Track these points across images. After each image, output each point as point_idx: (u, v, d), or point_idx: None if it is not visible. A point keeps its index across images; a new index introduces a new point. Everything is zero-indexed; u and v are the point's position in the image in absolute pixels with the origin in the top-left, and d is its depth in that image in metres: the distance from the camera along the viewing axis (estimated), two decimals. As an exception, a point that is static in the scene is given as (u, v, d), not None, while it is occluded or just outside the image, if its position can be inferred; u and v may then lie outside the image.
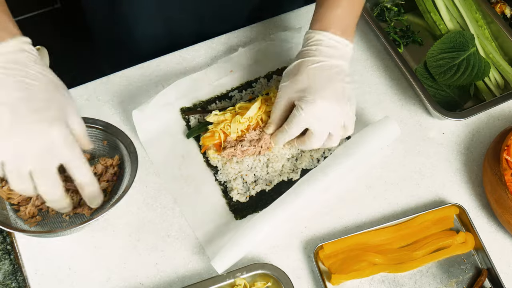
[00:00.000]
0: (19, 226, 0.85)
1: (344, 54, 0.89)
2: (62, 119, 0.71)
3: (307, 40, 0.90)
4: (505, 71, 1.08)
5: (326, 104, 0.85)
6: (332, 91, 0.86)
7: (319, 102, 0.84)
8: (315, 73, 0.86)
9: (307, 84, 0.86)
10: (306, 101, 0.85)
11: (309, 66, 0.87)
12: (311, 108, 0.85)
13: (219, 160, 0.95)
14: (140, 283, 0.87)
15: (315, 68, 0.87)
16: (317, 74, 0.86)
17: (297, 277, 0.88)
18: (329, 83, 0.86)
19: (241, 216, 0.92)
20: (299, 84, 0.87)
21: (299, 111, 0.85)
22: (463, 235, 0.91)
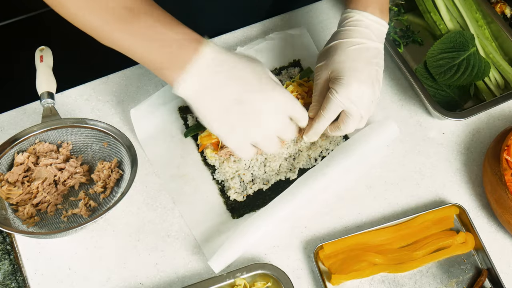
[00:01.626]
0: (17, 226, 0.85)
1: (381, 35, 0.88)
2: (273, 83, 0.79)
3: (345, 20, 0.88)
4: (505, 71, 1.08)
5: (361, 88, 0.83)
6: (367, 74, 0.84)
7: (354, 85, 0.83)
8: (353, 54, 0.85)
9: (344, 66, 0.84)
10: (341, 84, 0.83)
11: (348, 48, 0.85)
12: (346, 91, 0.83)
13: (216, 159, 0.95)
14: (140, 283, 0.87)
15: (354, 50, 0.85)
16: (355, 56, 0.85)
17: (297, 277, 0.88)
18: (366, 66, 0.85)
19: (238, 215, 0.92)
20: (336, 65, 0.85)
21: (334, 94, 0.84)
22: (463, 235, 0.91)
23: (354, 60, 0.85)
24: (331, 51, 0.87)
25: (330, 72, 0.86)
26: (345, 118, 0.87)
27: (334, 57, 0.86)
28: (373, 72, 0.86)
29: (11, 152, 0.90)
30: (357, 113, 0.86)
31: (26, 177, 0.90)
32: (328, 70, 0.86)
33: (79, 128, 0.92)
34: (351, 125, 0.87)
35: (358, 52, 0.85)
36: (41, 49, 0.98)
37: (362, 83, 0.84)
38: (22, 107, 1.00)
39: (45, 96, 0.93)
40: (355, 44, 0.86)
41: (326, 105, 0.85)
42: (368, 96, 0.85)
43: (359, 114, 0.86)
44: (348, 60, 0.85)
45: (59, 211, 0.89)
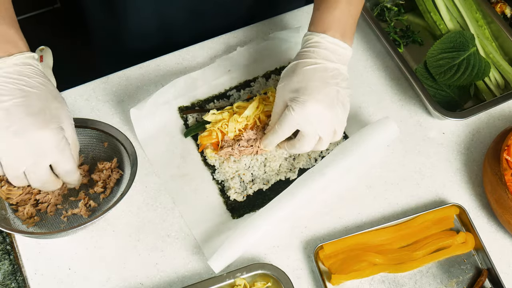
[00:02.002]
0: (17, 226, 0.85)
1: (343, 57, 0.88)
2: (55, 124, 0.75)
3: (305, 42, 0.89)
4: (505, 71, 1.08)
5: (318, 107, 0.84)
6: (325, 94, 0.84)
7: (310, 104, 0.83)
8: (309, 74, 0.85)
9: (301, 85, 0.85)
10: (297, 102, 0.84)
11: (304, 68, 0.86)
12: (302, 110, 0.83)
13: (216, 159, 0.95)
14: (140, 283, 0.87)
15: (310, 69, 0.86)
16: (311, 76, 0.85)
17: (297, 277, 0.88)
18: (323, 86, 0.85)
19: (238, 215, 0.92)
20: (292, 84, 0.86)
21: (290, 111, 0.84)
22: (463, 235, 0.91)
23: (310, 79, 0.85)
24: (289, 72, 0.88)
25: (288, 92, 0.86)
26: (300, 137, 0.87)
27: (292, 78, 0.86)
28: (333, 92, 0.85)
29: (11, 152, 0.90)
30: (314, 133, 0.85)
31: (26, 177, 0.90)
32: (286, 91, 0.86)
33: (79, 128, 0.92)
34: (306, 145, 0.87)
35: (314, 71, 0.85)
36: (41, 49, 0.99)
37: (318, 102, 0.83)
38: (22, 107, 1.00)
39: (45, 96, 0.93)
40: (312, 64, 0.86)
41: (281, 121, 0.86)
42: (327, 117, 0.85)
43: (315, 135, 0.86)
44: (305, 79, 0.85)
45: (59, 211, 0.89)
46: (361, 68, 1.08)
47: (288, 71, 0.88)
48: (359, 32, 1.12)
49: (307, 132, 0.86)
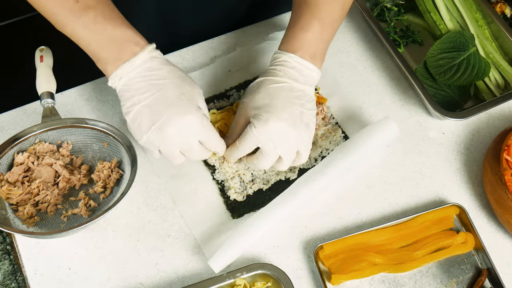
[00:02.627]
0: (17, 226, 0.85)
1: (309, 79, 0.87)
2: (193, 106, 0.81)
3: (274, 60, 0.88)
4: (505, 71, 1.08)
5: (280, 126, 0.82)
6: (289, 114, 0.83)
7: (273, 122, 0.82)
8: (274, 92, 0.85)
9: (264, 103, 0.84)
10: (259, 119, 0.83)
11: (269, 85, 0.85)
12: (264, 127, 0.82)
13: (216, 159, 0.95)
14: (140, 283, 0.87)
15: (275, 87, 0.85)
16: (276, 94, 0.84)
17: (297, 277, 0.88)
18: (287, 105, 0.84)
19: (238, 215, 0.92)
20: (256, 101, 0.85)
21: (252, 128, 0.84)
22: (463, 235, 0.91)
23: (274, 98, 0.84)
24: (254, 88, 0.87)
25: (250, 109, 0.85)
26: (259, 154, 0.86)
27: (255, 94, 0.86)
28: (296, 112, 0.84)
29: (11, 152, 0.90)
30: (273, 152, 0.84)
31: (26, 177, 0.90)
32: (249, 107, 0.86)
33: (79, 128, 0.92)
34: (264, 163, 0.86)
35: (280, 90, 0.85)
36: (41, 49, 0.99)
37: (280, 120, 0.83)
38: (22, 107, 1.00)
39: (45, 96, 0.93)
40: (277, 82, 0.85)
41: (242, 137, 0.85)
42: (289, 137, 0.84)
43: (275, 154, 0.85)
44: (268, 97, 0.84)
45: (59, 211, 0.89)
46: (361, 68, 1.08)
47: (253, 88, 0.88)
48: (359, 32, 1.12)
49: (266, 150, 0.85)
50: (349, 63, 1.08)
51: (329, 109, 1.02)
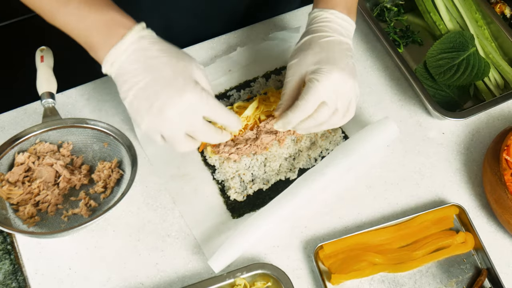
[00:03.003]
0: (18, 226, 0.85)
1: (349, 33, 0.88)
2: (190, 83, 0.76)
3: (314, 19, 0.88)
4: (505, 71, 1.08)
5: (343, 76, 0.81)
6: (346, 64, 0.83)
7: (336, 73, 0.80)
8: (327, 46, 0.84)
9: (321, 56, 0.83)
10: (322, 72, 0.80)
11: (321, 40, 0.85)
12: (328, 79, 0.80)
13: (216, 159, 0.95)
14: (140, 283, 0.87)
15: (328, 41, 0.84)
16: (330, 48, 0.84)
17: (297, 277, 0.88)
18: (343, 57, 0.83)
19: (238, 215, 0.92)
20: (311, 57, 0.83)
21: (315, 83, 0.80)
22: (463, 235, 0.91)
23: (330, 51, 0.83)
24: (303, 47, 0.86)
25: (306, 66, 0.83)
26: (322, 107, 0.82)
27: (308, 51, 0.84)
28: (351, 64, 0.84)
29: (11, 152, 0.90)
30: (334, 103, 0.82)
31: (27, 177, 0.90)
32: (304, 65, 0.84)
33: (80, 128, 0.93)
34: (326, 114, 0.82)
35: (332, 44, 0.84)
36: (42, 49, 0.99)
37: (343, 70, 0.81)
38: (23, 107, 1.01)
39: (45, 96, 0.93)
40: (328, 37, 0.85)
41: (306, 95, 0.81)
42: (348, 86, 0.82)
43: (335, 105, 0.82)
44: (324, 51, 0.83)
45: (59, 211, 0.89)
46: (361, 68, 1.08)
47: (303, 46, 0.86)
48: (359, 32, 1.12)
49: (329, 103, 0.82)
50: (349, 63, 1.08)
51: (329, 109, 1.02)
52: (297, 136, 0.98)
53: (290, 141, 0.97)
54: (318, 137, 0.99)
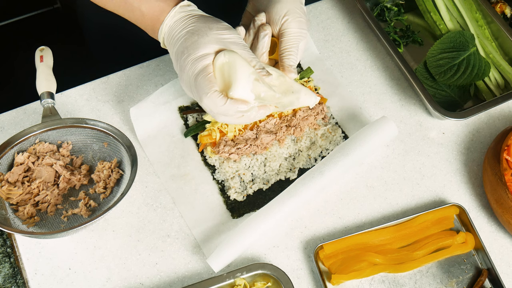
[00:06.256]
0: (17, 226, 0.85)
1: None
2: (204, 88, 0.77)
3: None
4: (505, 71, 1.08)
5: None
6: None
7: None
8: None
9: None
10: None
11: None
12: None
13: (216, 159, 0.95)
14: (140, 283, 0.87)
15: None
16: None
17: (297, 277, 0.88)
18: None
19: (238, 214, 0.92)
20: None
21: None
22: (463, 235, 0.91)
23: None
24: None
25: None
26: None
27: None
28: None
29: (11, 152, 0.90)
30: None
31: (26, 177, 0.90)
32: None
33: (79, 128, 0.92)
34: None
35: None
36: (41, 49, 0.99)
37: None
38: (22, 107, 1.00)
39: (45, 96, 0.93)
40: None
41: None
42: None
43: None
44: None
45: (59, 211, 0.89)
46: (361, 68, 1.08)
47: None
48: (359, 32, 1.12)
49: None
50: (349, 63, 1.08)
51: (329, 109, 1.02)
52: (297, 136, 0.98)
53: (290, 141, 0.97)
54: (318, 137, 0.99)
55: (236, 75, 0.77)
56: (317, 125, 0.99)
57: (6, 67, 2.00)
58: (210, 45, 0.78)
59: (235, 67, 0.77)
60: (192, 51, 0.78)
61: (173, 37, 0.81)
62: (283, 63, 0.86)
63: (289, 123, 0.97)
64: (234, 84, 0.77)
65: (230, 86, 0.77)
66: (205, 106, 0.78)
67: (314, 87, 1.01)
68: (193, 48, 0.78)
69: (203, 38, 0.78)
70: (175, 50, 0.80)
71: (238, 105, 0.77)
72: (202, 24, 0.80)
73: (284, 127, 0.97)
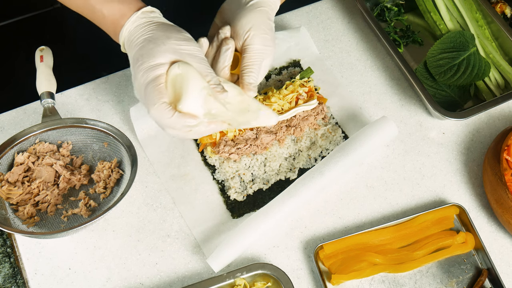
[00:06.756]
0: (17, 226, 0.85)
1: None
2: (152, 99, 0.74)
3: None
4: (505, 71, 1.08)
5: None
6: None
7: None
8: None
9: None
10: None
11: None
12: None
13: (216, 159, 0.95)
14: (140, 283, 0.87)
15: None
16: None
17: (297, 277, 0.88)
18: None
19: (238, 214, 0.92)
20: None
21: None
22: (463, 235, 0.91)
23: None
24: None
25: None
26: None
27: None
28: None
29: (11, 152, 0.90)
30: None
31: (26, 177, 0.90)
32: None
33: (79, 128, 0.92)
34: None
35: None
36: (41, 49, 0.99)
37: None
38: (22, 107, 1.00)
39: (45, 96, 0.93)
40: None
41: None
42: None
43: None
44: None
45: (59, 211, 0.89)
46: (361, 68, 1.08)
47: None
48: (359, 32, 1.12)
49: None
50: (349, 63, 1.08)
51: (329, 109, 1.02)
52: (297, 136, 0.98)
53: (290, 141, 0.97)
54: (318, 137, 0.99)
55: (187, 88, 0.73)
56: (317, 125, 0.99)
57: (6, 67, 2.00)
58: (165, 54, 0.75)
59: (187, 80, 0.74)
60: (147, 59, 0.75)
61: (131, 42, 0.79)
62: (243, 80, 0.83)
63: (289, 123, 0.97)
64: (184, 97, 0.73)
65: (180, 99, 0.74)
66: (152, 117, 0.75)
67: (314, 87, 1.01)
68: (148, 56, 0.75)
69: (159, 47, 0.76)
70: (132, 56, 0.78)
71: (186, 119, 0.73)
72: (161, 32, 0.78)
73: (284, 127, 0.97)
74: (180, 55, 0.76)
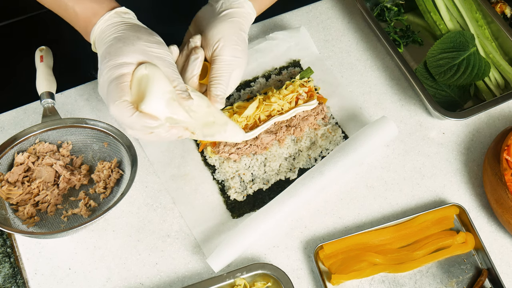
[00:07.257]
0: (17, 226, 0.85)
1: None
2: (114, 96, 0.73)
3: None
4: (505, 71, 1.08)
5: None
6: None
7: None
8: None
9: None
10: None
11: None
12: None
13: (216, 159, 0.95)
14: (140, 283, 0.87)
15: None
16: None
17: (297, 277, 0.88)
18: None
19: (238, 214, 0.92)
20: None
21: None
22: (463, 235, 0.91)
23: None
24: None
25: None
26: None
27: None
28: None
29: (11, 152, 0.90)
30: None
31: (26, 177, 0.90)
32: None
33: (79, 128, 0.92)
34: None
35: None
36: (41, 49, 0.99)
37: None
38: (22, 107, 1.00)
39: (45, 96, 0.93)
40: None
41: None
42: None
43: None
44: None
45: (59, 211, 0.89)
46: (361, 68, 1.08)
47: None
48: (359, 32, 1.12)
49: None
50: (349, 63, 1.08)
51: (329, 109, 1.02)
52: (297, 136, 0.98)
53: (290, 141, 0.97)
54: (318, 137, 0.99)
55: (152, 89, 0.72)
56: (317, 125, 0.99)
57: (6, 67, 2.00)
58: (133, 54, 0.74)
59: (153, 81, 0.73)
60: (114, 57, 0.74)
61: (101, 40, 0.78)
62: (210, 92, 0.82)
63: (289, 123, 0.97)
64: (146, 98, 0.72)
65: (143, 99, 0.73)
66: (112, 114, 0.73)
67: (314, 87, 1.01)
68: (115, 54, 0.74)
69: (128, 46, 0.75)
70: (100, 54, 0.77)
71: (145, 120, 0.71)
72: (132, 33, 0.77)
73: (284, 127, 0.97)
74: (148, 57, 0.75)
